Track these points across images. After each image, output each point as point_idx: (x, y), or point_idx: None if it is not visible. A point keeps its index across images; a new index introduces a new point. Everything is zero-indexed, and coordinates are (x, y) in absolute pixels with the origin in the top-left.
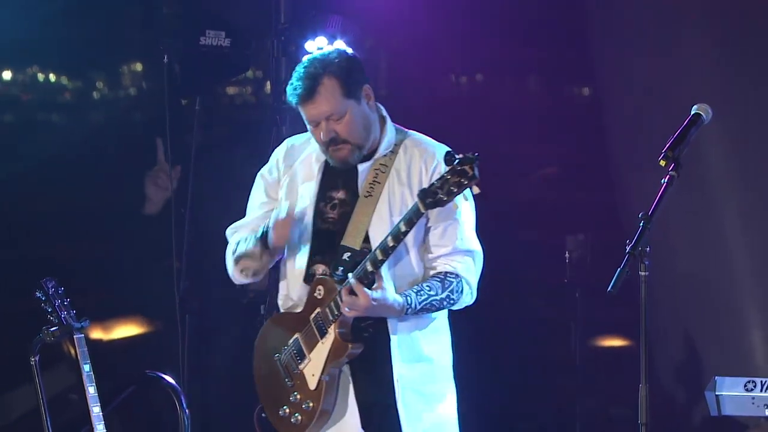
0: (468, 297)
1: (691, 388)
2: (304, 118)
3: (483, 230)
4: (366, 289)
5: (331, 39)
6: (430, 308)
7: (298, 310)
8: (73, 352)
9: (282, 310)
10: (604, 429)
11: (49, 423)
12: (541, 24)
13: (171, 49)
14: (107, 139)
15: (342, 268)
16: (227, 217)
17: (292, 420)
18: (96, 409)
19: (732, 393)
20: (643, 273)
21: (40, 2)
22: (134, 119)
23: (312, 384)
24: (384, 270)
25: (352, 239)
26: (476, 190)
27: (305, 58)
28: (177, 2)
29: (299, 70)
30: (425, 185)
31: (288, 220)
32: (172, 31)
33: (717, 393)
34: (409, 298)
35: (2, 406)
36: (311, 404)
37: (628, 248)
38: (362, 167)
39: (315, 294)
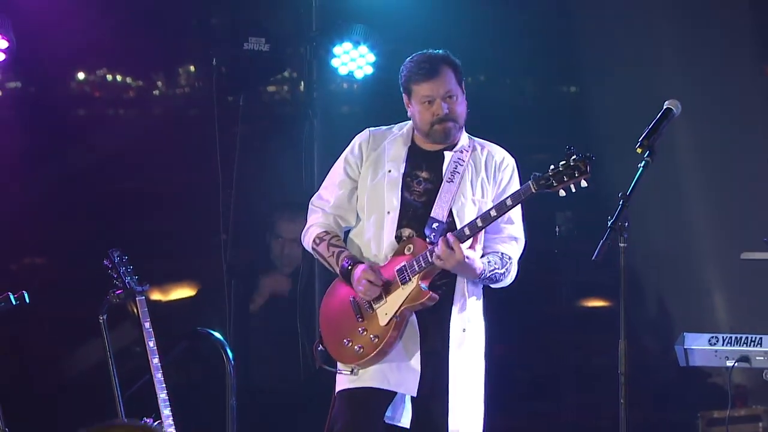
0: (511, 278)
1: (663, 342)
2: (420, 96)
3: None
4: (462, 246)
5: (356, 44)
6: (491, 278)
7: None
8: (135, 311)
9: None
10: (589, 377)
11: (115, 371)
12: (533, 30)
13: (219, 53)
14: (166, 130)
15: (433, 234)
16: (267, 197)
17: (355, 348)
18: (155, 360)
19: (698, 347)
20: (622, 244)
21: (109, 14)
22: (188, 114)
23: (383, 321)
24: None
25: (439, 213)
26: (584, 183)
27: (416, 53)
28: (224, 14)
29: (416, 57)
30: (497, 177)
31: (379, 283)
32: (220, 38)
33: (685, 347)
34: (485, 265)
35: (76, 357)
36: (377, 338)
37: (609, 223)
38: (447, 155)
39: (404, 249)
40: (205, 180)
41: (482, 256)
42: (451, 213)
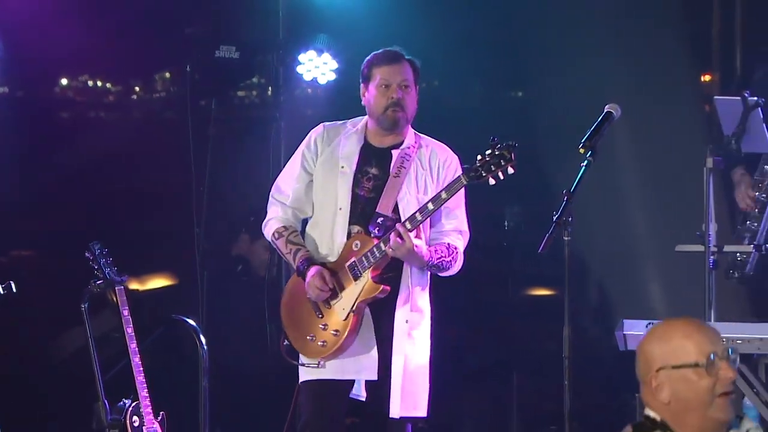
0: (458, 267)
1: (603, 328)
2: (378, 81)
3: None
4: (411, 236)
5: (320, 52)
6: (439, 266)
7: (330, 259)
8: (115, 300)
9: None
10: (536, 360)
11: (96, 356)
12: (482, 38)
13: (192, 60)
14: (143, 132)
15: (378, 228)
16: (238, 193)
17: (319, 343)
18: (133, 346)
19: (636, 332)
20: (566, 237)
21: (90, 24)
22: (164, 116)
23: (342, 316)
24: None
25: (384, 208)
26: (511, 170)
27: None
28: (197, 24)
29: (384, 49)
30: (440, 175)
31: (326, 289)
32: (193, 47)
33: (624, 332)
34: (432, 253)
35: (60, 342)
36: (338, 332)
37: (554, 218)
38: (394, 152)
39: (352, 246)
40: (180, 178)
41: (429, 246)
42: (396, 208)
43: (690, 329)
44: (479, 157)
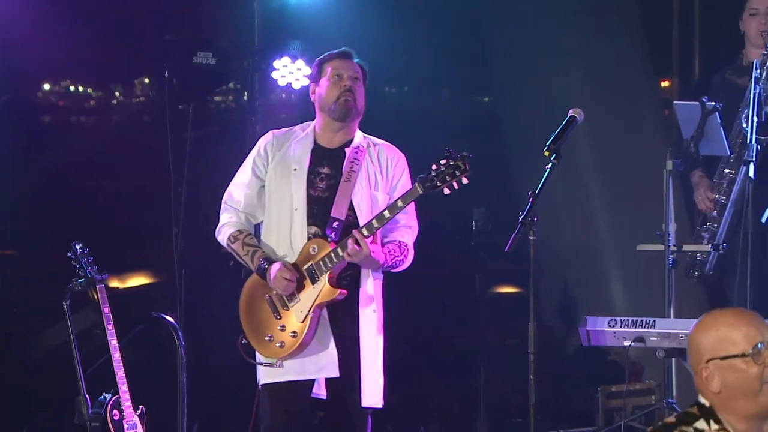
0: (409, 262)
1: (567, 324)
2: (331, 73)
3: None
4: (367, 242)
5: (294, 58)
6: (392, 266)
7: (288, 260)
8: (95, 297)
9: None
10: (502, 356)
11: (77, 351)
12: (450, 46)
13: (171, 66)
14: (123, 135)
15: (334, 233)
16: (214, 193)
17: (277, 344)
18: (113, 342)
19: (598, 328)
20: (532, 237)
21: (72, 31)
22: (143, 120)
23: (299, 318)
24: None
25: (339, 209)
26: (465, 181)
27: None
28: (175, 31)
29: (336, 50)
30: (389, 172)
31: (294, 279)
32: (172, 53)
33: (587, 328)
34: (387, 255)
35: (42, 339)
36: (296, 333)
37: (520, 218)
38: (346, 151)
39: (309, 250)
40: (159, 179)
41: (383, 246)
42: (351, 207)
43: (736, 319)
44: (434, 166)
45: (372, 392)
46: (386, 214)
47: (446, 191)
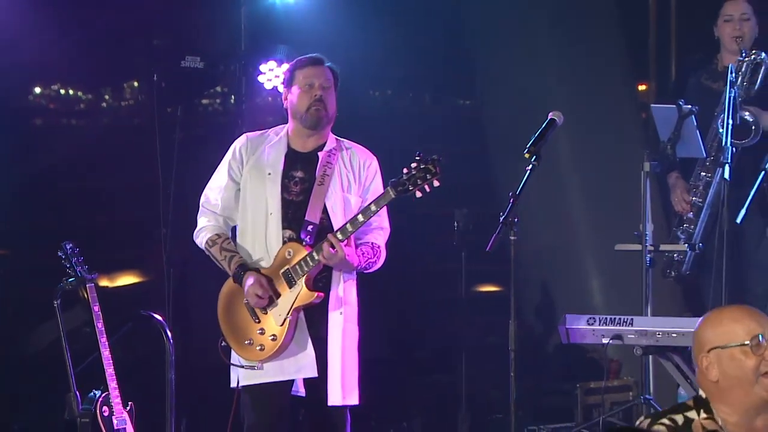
0: (381, 262)
1: (547, 323)
2: (302, 81)
3: (394, 205)
4: (342, 246)
5: (280, 62)
6: (366, 267)
7: (263, 263)
8: (86, 296)
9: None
10: (484, 354)
11: (68, 349)
12: (433, 50)
13: (159, 70)
14: (113, 137)
15: (309, 236)
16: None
17: (257, 348)
18: (103, 340)
19: (577, 326)
20: (512, 237)
21: (62, 36)
22: (133, 123)
23: (278, 322)
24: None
25: (313, 213)
26: (436, 183)
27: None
28: (164, 35)
29: (305, 56)
30: (362, 175)
31: (266, 296)
32: (160, 57)
33: (567, 327)
34: (361, 257)
35: (34, 336)
36: (276, 336)
37: (501, 218)
38: (320, 154)
39: (285, 254)
40: (148, 180)
41: (356, 248)
42: (324, 211)
43: (739, 314)
44: (405, 170)
45: (342, 391)
46: (360, 218)
47: (418, 194)
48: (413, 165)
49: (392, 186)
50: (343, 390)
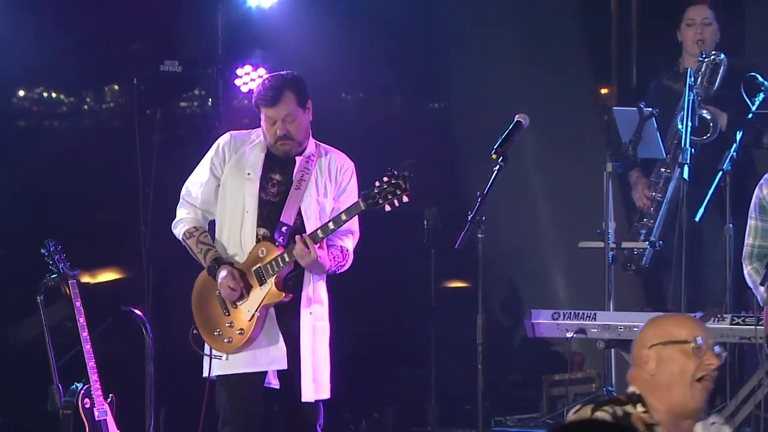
0: (349, 265)
1: (513, 317)
2: (264, 117)
3: None
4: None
5: (255, 66)
6: (336, 269)
7: (237, 258)
8: (68, 292)
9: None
10: (452, 347)
11: (50, 343)
12: (402, 55)
13: (139, 74)
14: (94, 139)
15: (282, 237)
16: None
17: (225, 340)
18: (84, 334)
19: (543, 321)
20: (480, 235)
21: (46, 42)
22: (113, 125)
23: (247, 317)
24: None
25: (288, 215)
26: (405, 199)
27: (270, 74)
28: (144, 41)
29: (266, 82)
30: (339, 178)
31: (238, 288)
32: (140, 61)
33: (532, 321)
34: (332, 261)
35: (18, 331)
36: (243, 330)
37: (469, 217)
38: (297, 160)
39: (258, 252)
40: (128, 181)
41: (328, 252)
42: (299, 214)
43: (682, 320)
44: (377, 184)
45: (316, 385)
46: (331, 225)
47: (387, 208)
48: (384, 179)
49: (363, 198)
50: (315, 386)
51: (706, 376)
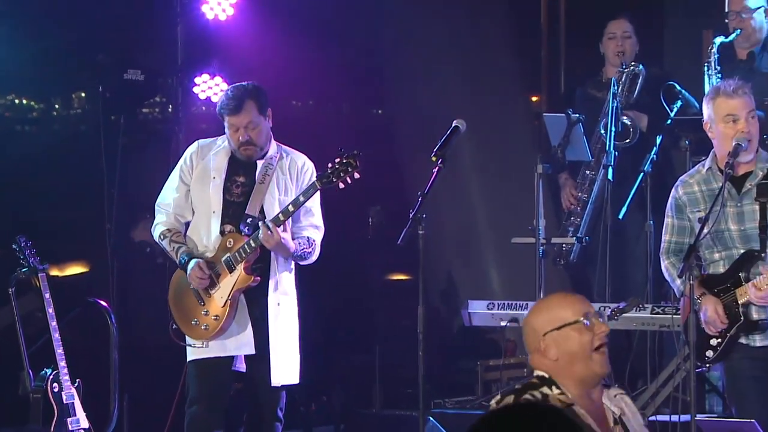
0: (316, 256)
1: (451, 307)
2: (228, 124)
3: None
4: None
5: (212, 75)
6: (301, 256)
7: (208, 254)
8: (38, 284)
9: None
10: (395, 336)
11: (21, 332)
12: (349, 64)
13: (104, 82)
14: (62, 142)
15: (247, 228)
16: (143, 194)
17: (202, 327)
18: (53, 323)
19: (478, 311)
20: (421, 231)
21: (16, 51)
22: (80, 129)
23: (221, 303)
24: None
25: (253, 208)
26: (357, 176)
27: (232, 85)
28: (108, 51)
29: (229, 92)
30: (300, 178)
31: (205, 277)
32: (105, 70)
33: (469, 311)
34: (296, 245)
35: None
36: (218, 316)
37: (411, 215)
38: (259, 162)
39: (226, 243)
40: (94, 181)
41: (293, 239)
42: (262, 209)
43: (563, 300)
44: (330, 165)
45: (282, 371)
46: (290, 208)
47: (341, 186)
48: (336, 160)
49: (318, 179)
50: (280, 370)
51: (602, 343)
